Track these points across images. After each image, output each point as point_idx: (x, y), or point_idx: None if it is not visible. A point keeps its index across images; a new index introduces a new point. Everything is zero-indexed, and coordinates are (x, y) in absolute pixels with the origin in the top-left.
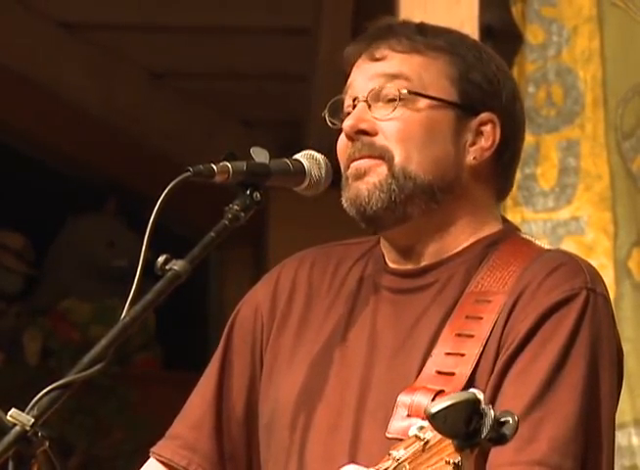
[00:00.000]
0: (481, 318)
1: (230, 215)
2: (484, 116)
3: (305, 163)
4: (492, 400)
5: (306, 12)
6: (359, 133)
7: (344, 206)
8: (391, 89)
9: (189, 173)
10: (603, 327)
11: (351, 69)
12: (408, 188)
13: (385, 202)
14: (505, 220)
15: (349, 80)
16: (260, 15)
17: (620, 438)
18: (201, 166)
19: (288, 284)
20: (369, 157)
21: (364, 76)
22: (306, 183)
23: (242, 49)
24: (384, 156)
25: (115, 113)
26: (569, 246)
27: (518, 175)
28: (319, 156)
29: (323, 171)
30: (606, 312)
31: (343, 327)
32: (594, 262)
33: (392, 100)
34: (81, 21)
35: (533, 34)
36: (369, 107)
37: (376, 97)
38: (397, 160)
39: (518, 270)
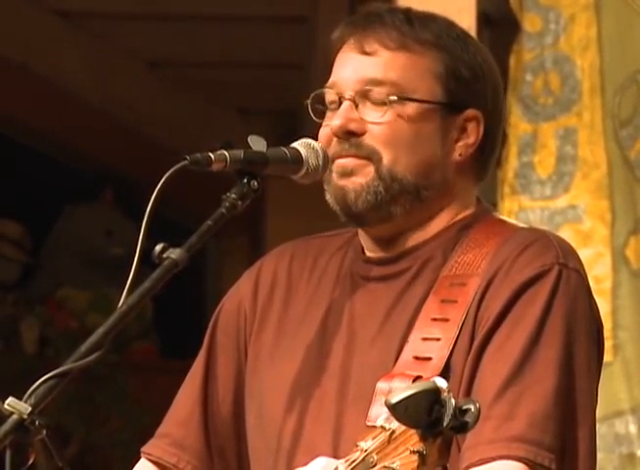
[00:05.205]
0: (456, 302)
1: (227, 204)
2: (469, 112)
3: (302, 151)
4: (470, 381)
5: (303, 0)
6: (347, 133)
7: (328, 199)
8: (380, 93)
9: (186, 162)
10: (577, 301)
11: (337, 53)
12: (394, 189)
13: (370, 203)
14: (479, 202)
15: (335, 70)
16: (258, 3)
17: (618, 426)
18: (198, 155)
19: (268, 278)
20: (355, 156)
21: (350, 72)
22: (304, 171)
23: (239, 38)
24: (371, 157)
25: (113, 101)
26: (566, 234)
27: (515, 163)
28: (316, 144)
29: (320, 159)
30: (580, 287)
31: (323, 318)
32: (591, 251)
33: (381, 103)
34: (79, 9)
35: (531, 22)
36: (356, 106)
37: (363, 96)
38: (385, 161)
39: (491, 251)
